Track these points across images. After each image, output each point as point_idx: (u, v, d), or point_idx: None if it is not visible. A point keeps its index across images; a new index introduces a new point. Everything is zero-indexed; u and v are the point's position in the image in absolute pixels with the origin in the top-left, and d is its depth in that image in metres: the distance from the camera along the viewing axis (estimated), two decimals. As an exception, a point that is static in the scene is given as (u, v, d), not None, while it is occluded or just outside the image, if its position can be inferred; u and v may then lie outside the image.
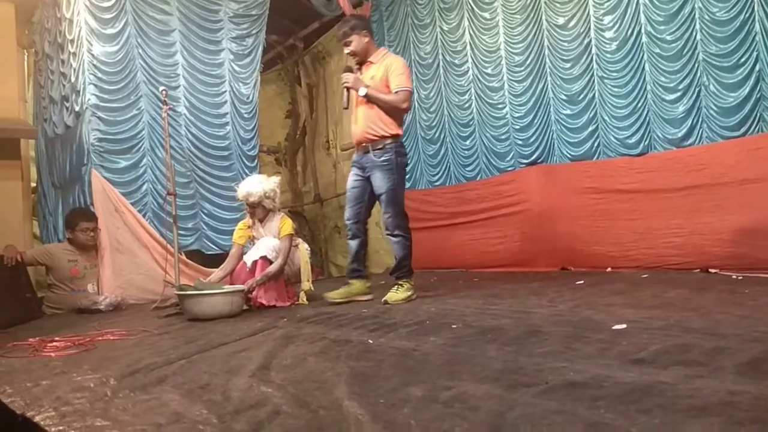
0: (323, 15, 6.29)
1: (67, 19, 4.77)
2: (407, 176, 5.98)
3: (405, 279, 3.51)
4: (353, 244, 3.66)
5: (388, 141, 3.48)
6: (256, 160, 5.56)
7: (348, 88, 3.54)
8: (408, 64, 3.55)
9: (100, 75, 4.64)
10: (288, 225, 3.83)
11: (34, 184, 5.82)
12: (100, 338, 2.82)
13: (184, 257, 4.59)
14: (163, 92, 4.04)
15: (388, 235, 3.58)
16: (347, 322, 2.81)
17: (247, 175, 5.25)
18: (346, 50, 3.62)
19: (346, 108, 3.71)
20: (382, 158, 3.47)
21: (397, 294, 3.43)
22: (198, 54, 5.21)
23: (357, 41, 3.55)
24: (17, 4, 5.35)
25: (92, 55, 4.61)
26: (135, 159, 4.75)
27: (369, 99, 3.45)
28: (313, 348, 2.25)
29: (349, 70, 3.57)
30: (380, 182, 3.49)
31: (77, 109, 4.71)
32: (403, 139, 5.91)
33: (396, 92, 3.44)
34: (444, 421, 1.30)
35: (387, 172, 3.46)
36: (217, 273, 3.81)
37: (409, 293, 3.47)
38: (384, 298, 3.40)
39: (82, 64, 4.60)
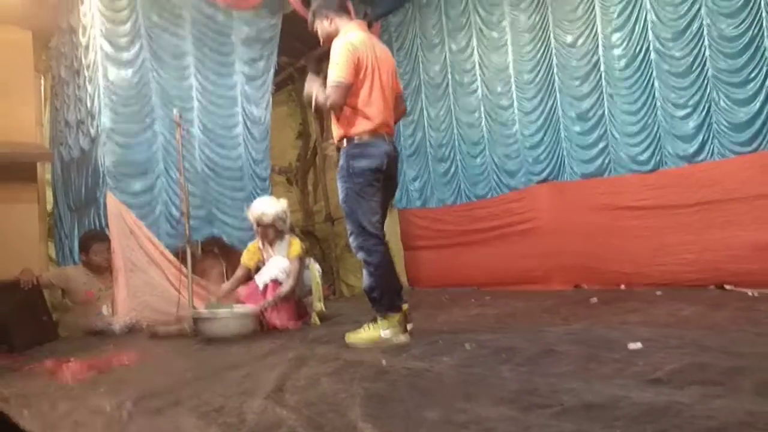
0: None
1: (83, 44, 4.87)
2: (419, 194, 6.07)
3: (381, 315, 2.76)
4: None
5: (345, 144, 2.86)
6: (267, 181, 5.61)
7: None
8: (347, 49, 2.75)
9: (115, 99, 4.71)
10: (297, 246, 3.84)
11: (50, 207, 5.89)
12: (116, 360, 2.84)
13: (197, 278, 4.62)
14: (177, 115, 4.10)
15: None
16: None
17: (259, 195, 5.31)
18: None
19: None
20: (339, 165, 2.88)
21: (360, 334, 2.76)
22: (211, 77, 5.28)
23: (320, 27, 3.00)
24: (35, 30, 5.48)
25: (108, 79, 4.69)
26: (150, 181, 4.80)
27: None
28: (327, 369, 2.25)
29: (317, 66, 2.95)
30: (339, 193, 2.91)
31: (93, 132, 4.79)
32: (409, 154, 6.05)
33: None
34: (459, 444, 1.29)
35: (340, 180, 2.86)
36: (223, 288, 3.84)
37: (383, 334, 2.71)
38: (346, 335, 2.81)
39: (98, 88, 4.68)
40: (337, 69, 2.74)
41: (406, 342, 2.71)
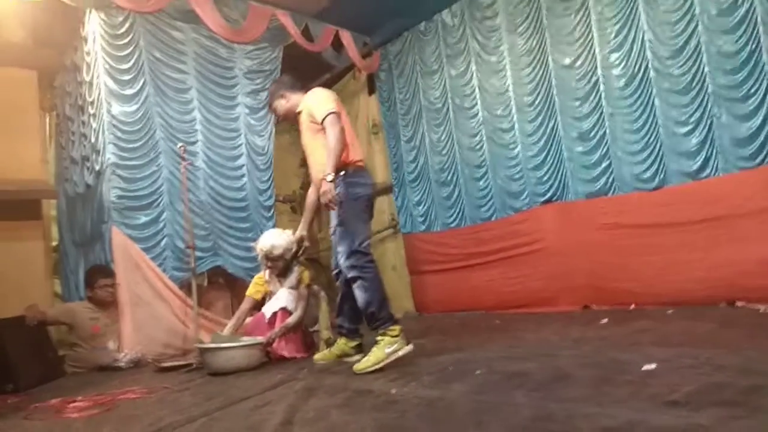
0: (333, 67, 6.45)
1: (87, 82, 4.94)
2: (423, 218, 6.07)
3: (383, 329, 2.86)
4: (338, 296, 3.31)
5: (339, 174, 3.04)
6: (272, 210, 5.62)
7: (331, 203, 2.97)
8: (326, 91, 3.25)
9: (119, 134, 4.75)
10: (306, 276, 3.84)
11: (55, 243, 5.91)
12: (122, 397, 2.81)
13: (203, 310, 4.61)
14: (181, 148, 4.12)
15: (349, 280, 3.05)
16: (368, 372, 2.76)
17: (264, 224, 5.32)
18: (279, 118, 3.62)
19: None
20: (336, 192, 3.00)
21: (368, 358, 2.79)
22: (214, 109, 5.34)
23: (279, 106, 3.44)
24: (40, 70, 5.58)
25: (111, 115, 4.73)
26: (155, 214, 4.81)
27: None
28: (335, 400, 2.21)
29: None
30: (333, 219, 3.09)
31: (97, 168, 4.82)
32: (412, 179, 6.07)
33: (323, 124, 3.05)
34: (474, 475, 1.26)
35: (337, 206, 3.00)
36: (228, 326, 3.80)
37: (388, 350, 2.78)
38: (353, 368, 2.81)
39: (102, 124, 4.73)
40: (325, 104, 3.11)
41: (411, 351, 2.85)
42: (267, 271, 3.88)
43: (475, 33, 5.51)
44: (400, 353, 2.79)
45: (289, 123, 3.56)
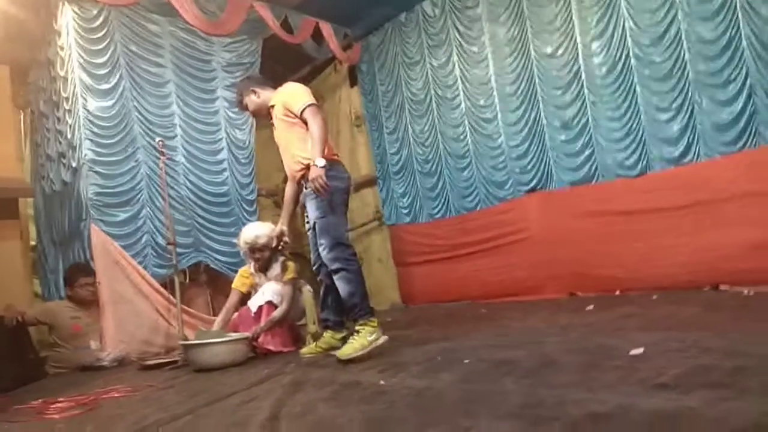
0: (314, 59, 6.39)
1: (62, 77, 4.83)
2: (408, 210, 6.05)
3: (363, 320, 2.89)
4: (321, 290, 3.30)
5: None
6: (255, 204, 5.56)
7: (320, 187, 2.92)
8: (302, 85, 3.33)
9: (96, 130, 4.66)
10: (291, 269, 3.80)
11: (33, 243, 5.79)
12: (105, 396, 2.75)
13: (186, 307, 4.54)
14: (160, 143, 4.05)
15: (331, 272, 3.05)
16: (356, 363, 2.74)
17: (246, 219, 5.26)
18: (249, 114, 3.68)
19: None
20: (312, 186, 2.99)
21: (352, 344, 2.82)
22: (193, 103, 5.26)
23: (250, 102, 3.41)
24: (12, 65, 5.44)
25: (87, 110, 4.64)
26: (134, 211, 4.74)
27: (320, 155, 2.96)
28: (323, 393, 2.18)
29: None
30: (311, 212, 3.08)
31: (74, 165, 4.73)
32: (396, 171, 6.04)
33: (303, 115, 3.07)
34: (466, 464, 1.24)
35: (316, 199, 3.01)
36: (217, 321, 3.76)
37: (370, 338, 2.82)
38: (337, 354, 2.84)
39: (78, 120, 4.63)
40: (302, 96, 3.13)
41: (386, 340, 2.89)
42: (252, 265, 3.84)
43: (456, 23, 5.49)
44: (380, 341, 2.86)
45: (259, 119, 3.49)
